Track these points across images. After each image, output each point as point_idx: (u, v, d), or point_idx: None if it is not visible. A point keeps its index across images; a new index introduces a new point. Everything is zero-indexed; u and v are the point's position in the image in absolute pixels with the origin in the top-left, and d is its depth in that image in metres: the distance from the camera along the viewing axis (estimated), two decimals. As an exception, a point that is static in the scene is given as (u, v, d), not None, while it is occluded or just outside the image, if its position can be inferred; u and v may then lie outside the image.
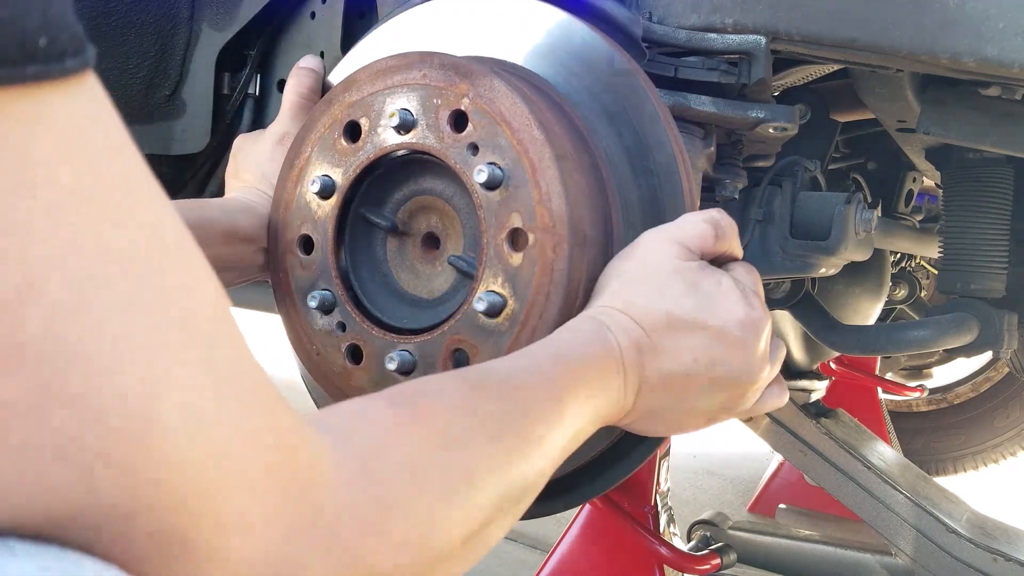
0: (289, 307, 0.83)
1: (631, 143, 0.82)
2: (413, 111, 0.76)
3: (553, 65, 0.85)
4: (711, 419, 0.76)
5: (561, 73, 0.84)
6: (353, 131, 0.80)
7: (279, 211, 0.84)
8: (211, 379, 0.37)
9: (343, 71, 0.97)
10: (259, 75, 1.24)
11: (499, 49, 0.86)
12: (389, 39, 0.93)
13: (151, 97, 1.27)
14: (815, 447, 1.63)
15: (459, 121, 0.75)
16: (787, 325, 1.59)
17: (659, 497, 1.40)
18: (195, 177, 1.31)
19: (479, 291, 0.74)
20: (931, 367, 2.94)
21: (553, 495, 0.88)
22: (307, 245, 0.82)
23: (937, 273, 1.57)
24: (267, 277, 0.89)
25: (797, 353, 1.68)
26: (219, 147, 1.27)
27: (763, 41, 0.85)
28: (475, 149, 0.74)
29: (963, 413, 2.95)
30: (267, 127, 1.03)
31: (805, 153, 1.14)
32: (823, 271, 1.11)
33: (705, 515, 1.84)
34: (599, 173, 0.80)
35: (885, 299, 1.74)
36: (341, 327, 0.80)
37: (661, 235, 0.76)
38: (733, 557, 1.50)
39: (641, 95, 0.82)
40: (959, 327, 1.24)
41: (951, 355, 2.80)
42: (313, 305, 0.81)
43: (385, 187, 0.82)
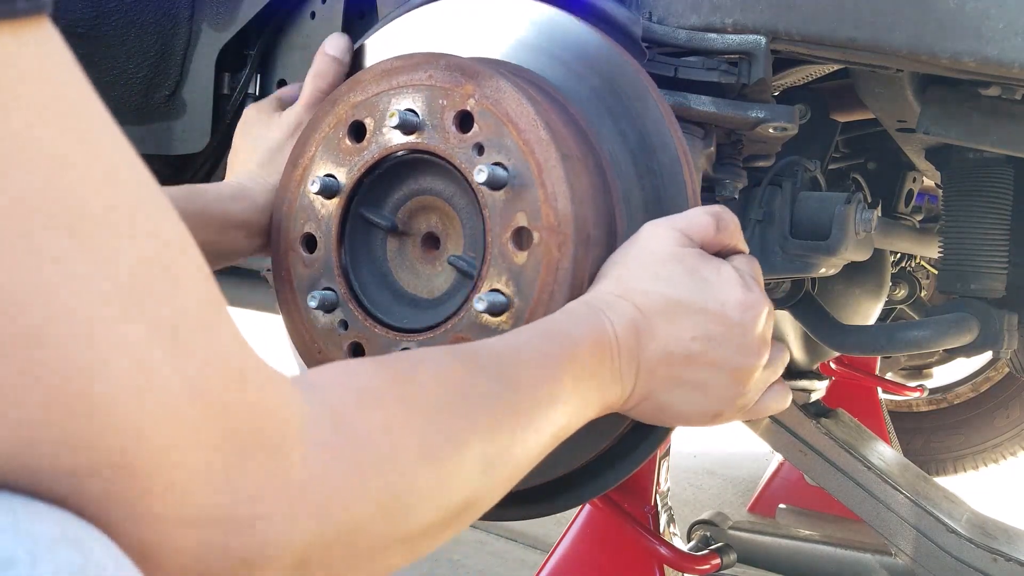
0: (291, 305, 0.84)
1: (635, 144, 0.82)
2: (419, 111, 0.77)
3: (556, 66, 0.85)
4: (715, 412, 0.75)
5: (564, 74, 0.84)
6: (358, 131, 0.80)
7: (282, 209, 0.84)
8: (162, 338, 0.36)
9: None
10: (259, 75, 1.24)
11: (501, 50, 0.87)
12: (393, 41, 0.94)
13: (151, 97, 1.27)
14: (815, 447, 1.63)
15: (465, 121, 0.76)
16: (787, 325, 1.59)
17: (659, 497, 1.40)
18: (195, 177, 1.31)
19: (482, 290, 0.74)
20: (931, 367, 2.94)
21: (553, 495, 0.88)
22: (310, 244, 0.83)
23: (937, 273, 1.57)
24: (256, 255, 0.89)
25: (797, 353, 1.68)
26: (219, 147, 1.27)
27: (763, 41, 0.85)
28: (480, 149, 0.75)
29: (963, 413, 2.95)
30: (279, 105, 1.01)
31: (805, 153, 1.14)
32: (823, 271, 1.10)
33: (705, 515, 1.84)
34: (604, 174, 0.80)
35: (885, 299, 1.74)
36: (343, 325, 0.81)
37: (662, 223, 0.76)
38: (733, 557, 1.50)
39: (644, 96, 0.82)
40: (959, 327, 1.24)
41: (951, 355, 2.80)
42: (315, 303, 0.81)
43: (385, 187, 0.82)
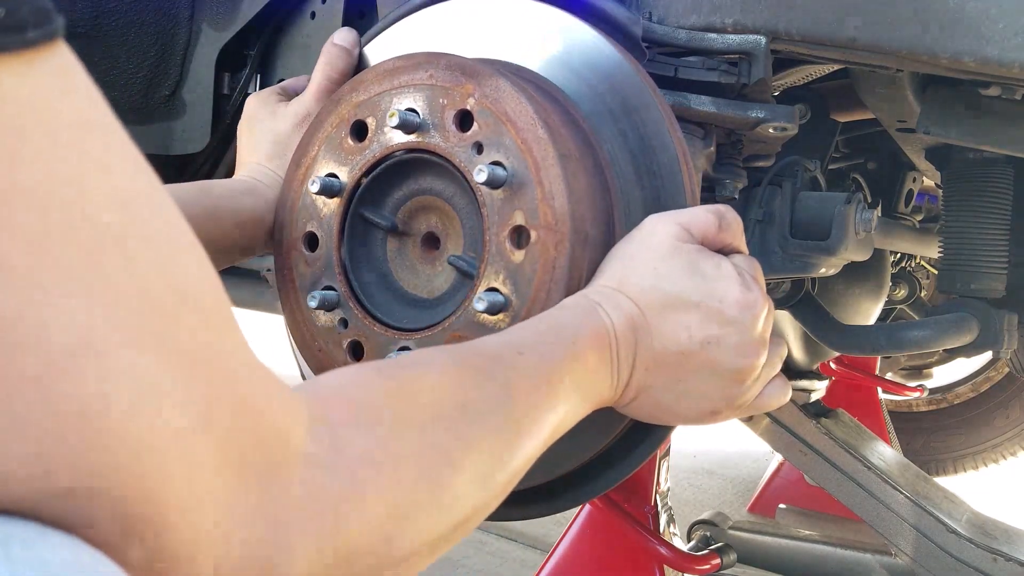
0: (292, 303, 0.84)
1: (635, 144, 0.82)
2: (419, 111, 0.77)
3: (556, 66, 0.85)
4: (713, 411, 0.75)
5: (565, 74, 0.84)
6: (360, 131, 0.80)
7: (285, 208, 0.84)
8: (171, 361, 0.36)
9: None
10: (259, 75, 1.24)
11: (502, 52, 0.87)
12: (396, 43, 0.94)
13: (151, 97, 1.27)
14: (815, 447, 1.63)
15: (465, 121, 0.76)
16: (787, 325, 1.59)
17: (659, 497, 1.40)
18: (195, 177, 1.32)
19: (480, 288, 0.74)
20: (931, 367, 2.94)
21: (553, 495, 0.88)
22: (312, 242, 0.83)
23: (937, 273, 1.57)
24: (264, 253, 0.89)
25: (797, 353, 1.68)
26: (219, 147, 1.27)
27: (763, 41, 0.85)
28: (480, 148, 0.75)
29: (963, 413, 2.95)
30: (282, 95, 1.00)
31: (805, 153, 1.14)
32: (823, 271, 1.10)
33: (705, 515, 1.84)
34: (602, 173, 0.80)
35: (885, 299, 1.74)
36: (343, 323, 0.81)
37: (664, 217, 0.76)
38: (733, 557, 1.50)
39: (645, 96, 0.82)
40: (959, 327, 1.24)
41: (951, 355, 2.80)
42: (316, 302, 0.81)
43: (385, 187, 0.82)
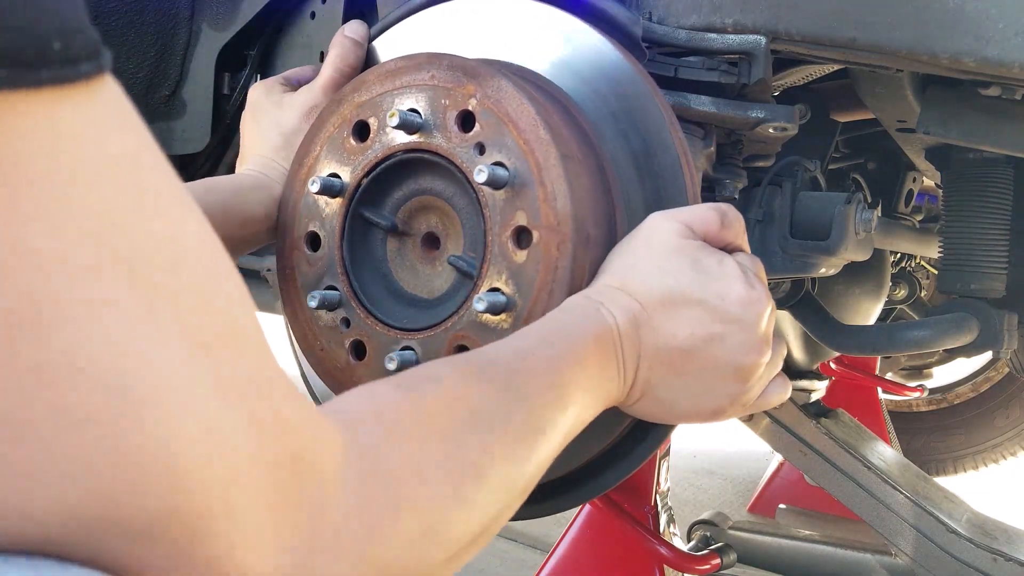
0: (294, 303, 0.84)
1: (636, 145, 0.83)
2: (421, 111, 0.77)
3: (557, 67, 0.85)
4: (716, 409, 0.75)
5: (565, 75, 0.85)
6: (362, 131, 0.80)
7: (287, 207, 0.84)
8: (223, 397, 0.37)
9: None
10: (259, 75, 1.24)
11: (502, 51, 0.87)
12: (397, 44, 0.94)
13: (151, 97, 1.27)
14: (815, 447, 1.63)
15: (466, 121, 0.76)
16: (787, 325, 1.59)
17: (659, 497, 1.40)
18: (196, 177, 1.32)
19: (483, 288, 0.75)
20: (931, 367, 2.94)
21: (553, 495, 0.88)
22: (314, 242, 0.83)
23: (937, 273, 1.57)
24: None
25: (797, 353, 1.68)
26: (219, 147, 1.27)
27: (763, 41, 0.85)
28: (482, 149, 0.75)
29: (963, 413, 2.95)
30: (287, 85, 0.99)
31: (805, 153, 1.14)
32: (823, 271, 1.11)
33: (705, 515, 1.84)
34: (604, 174, 0.80)
35: (885, 299, 1.74)
36: (345, 323, 0.81)
37: (666, 215, 0.76)
38: (733, 557, 1.50)
39: (646, 97, 0.82)
40: (959, 327, 1.24)
41: (951, 355, 2.80)
42: (318, 302, 0.81)
43: (385, 187, 0.82)
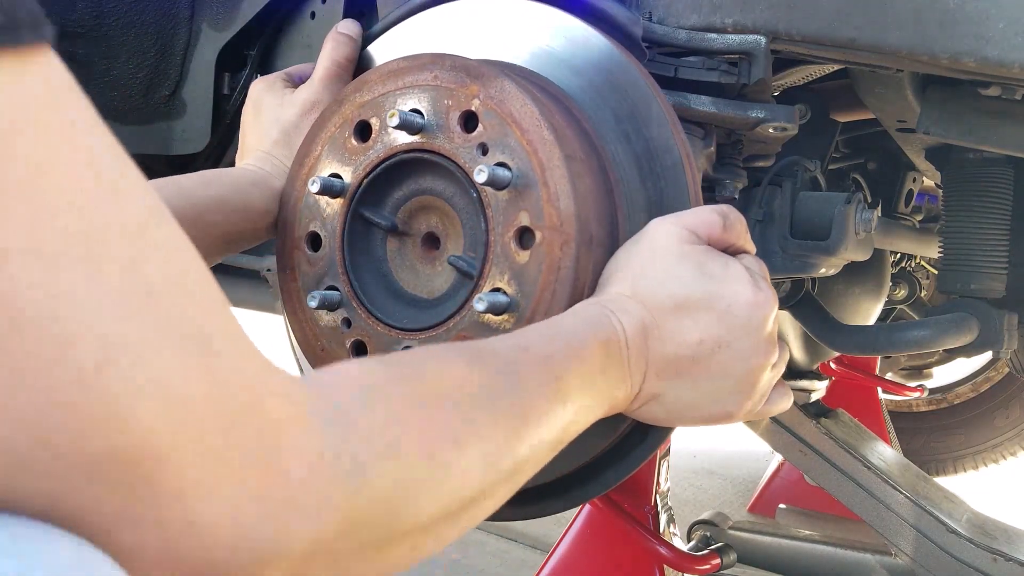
0: (295, 303, 0.84)
1: (638, 146, 0.83)
2: (424, 112, 0.77)
3: (559, 67, 0.85)
4: (726, 412, 0.75)
5: (567, 75, 0.84)
6: (363, 131, 0.80)
7: (288, 207, 0.84)
8: (166, 343, 0.37)
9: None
10: (259, 75, 1.23)
11: (504, 53, 0.87)
12: (398, 44, 0.94)
13: (151, 97, 1.27)
14: (815, 447, 1.63)
15: (469, 122, 0.76)
16: (787, 325, 1.59)
17: (659, 497, 1.40)
18: (195, 177, 1.31)
19: (484, 288, 0.75)
20: (931, 367, 2.94)
21: (553, 495, 0.88)
22: (315, 242, 0.83)
23: (937, 273, 1.57)
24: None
25: (797, 353, 1.68)
26: (219, 147, 1.27)
27: (763, 41, 0.85)
28: (484, 149, 0.75)
29: (963, 413, 2.95)
30: (288, 81, 0.99)
31: (805, 153, 1.14)
32: (823, 271, 1.11)
33: (705, 515, 1.84)
34: (607, 175, 0.80)
35: (885, 299, 1.74)
36: (347, 323, 0.81)
37: (669, 220, 0.76)
38: (733, 557, 1.50)
39: (648, 98, 0.82)
40: (959, 327, 1.24)
41: (951, 355, 2.80)
42: (318, 301, 0.81)
43: (386, 187, 0.82)
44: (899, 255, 2.11)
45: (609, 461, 0.86)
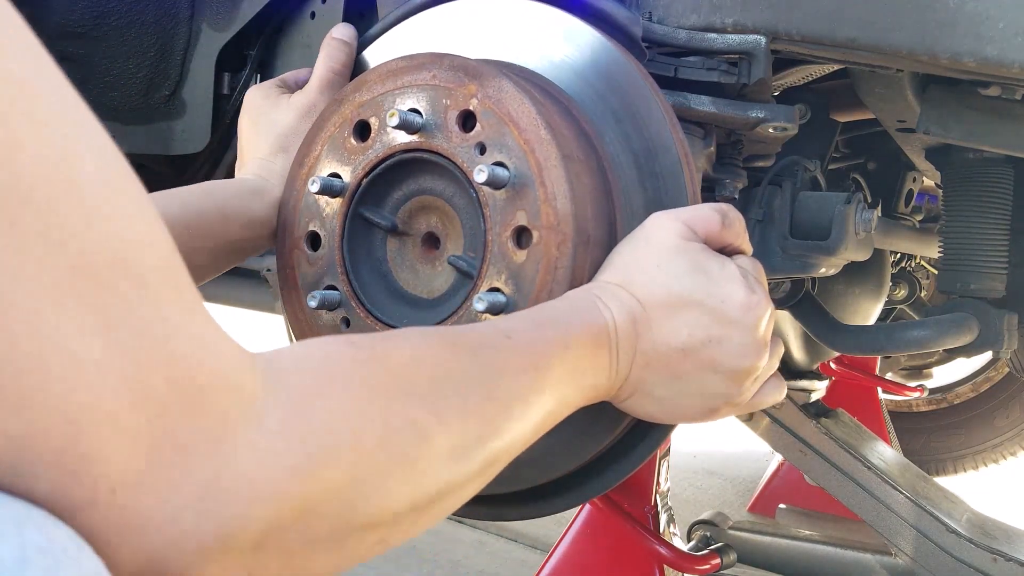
0: (294, 302, 0.84)
1: (638, 146, 0.82)
2: (422, 111, 0.77)
3: (557, 67, 0.85)
4: (710, 409, 0.75)
5: (566, 75, 0.84)
6: (363, 130, 0.80)
7: (288, 207, 0.84)
8: (102, 327, 0.36)
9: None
10: (259, 75, 1.24)
11: (503, 52, 0.87)
12: (397, 45, 0.94)
13: (151, 97, 1.27)
14: (815, 447, 1.63)
15: (467, 121, 0.76)
16: (787, 325, 1.59)
17: (659, 497, 1.40)
18: (195, 177, 1.32)
19: (482, 288, 0.75)
20: (931, 367, 2.94)
21: (553, 495, 0.88)
22: (314, 242, 0.83)
23: (937, 273, 1.57)
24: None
25: (797, 353, 1.68)
26: (219, 147, 1.27)
27: (763, 41, 0.85)
28: (482, 149, 0.75)
29: (963, 413, 2.95)
30: (284, 88, 0.99)
31: (805, 153, 1.14)
32: (823, 271, 1.10)
33: (705, 515, 1.84)
34: (605, 175, 0.80)
35: (885, 299, 1.74)
36: (346, 323, 0.81)
37: (668, 215, 0.76)
38: (733, 557, 1.50)
39: (647, 98, 0.82)
40: (959, 327, 1.24)
41: (951, 355, 2.80)
42: (317, 301, 0.81)
43: (385, 187, 0.82)
44: (899, 255, 2.11)
45: (609, 461, 0.86)
